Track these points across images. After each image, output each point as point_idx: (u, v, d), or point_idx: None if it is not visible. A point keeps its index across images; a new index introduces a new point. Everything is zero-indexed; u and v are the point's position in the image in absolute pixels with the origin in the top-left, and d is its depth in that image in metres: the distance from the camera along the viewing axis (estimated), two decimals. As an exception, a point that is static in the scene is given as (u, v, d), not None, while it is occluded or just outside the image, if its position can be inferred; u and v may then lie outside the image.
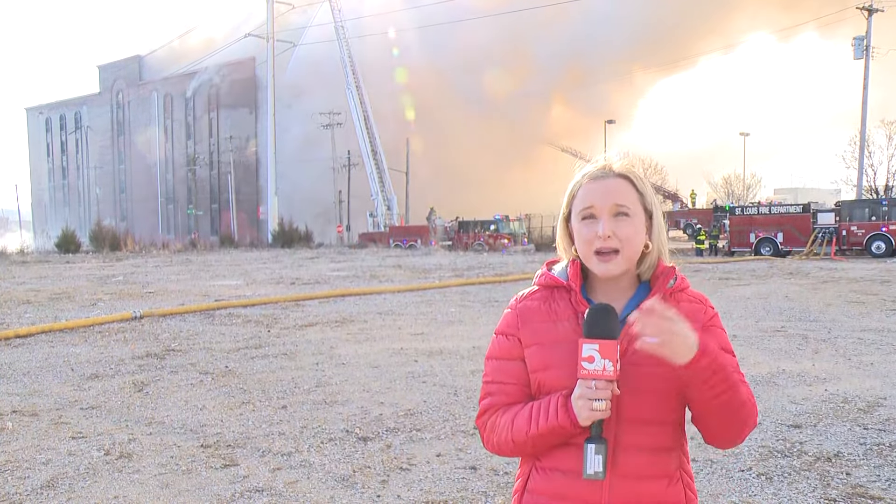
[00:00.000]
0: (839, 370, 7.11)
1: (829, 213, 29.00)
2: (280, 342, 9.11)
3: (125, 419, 5.62)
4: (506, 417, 1.55)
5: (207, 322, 10.92)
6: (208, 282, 18.26)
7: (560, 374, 1.49)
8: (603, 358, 1.41)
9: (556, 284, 1.59)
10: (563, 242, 1.62)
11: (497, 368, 1.60)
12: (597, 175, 1.55)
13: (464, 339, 9.16)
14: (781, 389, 6.34)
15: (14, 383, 6.92)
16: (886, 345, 8.48)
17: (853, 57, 38.28)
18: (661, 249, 1.58)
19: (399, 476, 4.35)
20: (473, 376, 6.96)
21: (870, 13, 37.41)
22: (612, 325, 1.43)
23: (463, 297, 14.08)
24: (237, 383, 6.81)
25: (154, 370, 7.43)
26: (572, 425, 1.45)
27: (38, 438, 5.13)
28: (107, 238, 36.59)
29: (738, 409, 1.48)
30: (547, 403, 1.49)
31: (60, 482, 4.28)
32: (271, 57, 49.34)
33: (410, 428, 5.32)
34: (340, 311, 12.08)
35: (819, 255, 27.53)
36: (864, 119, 38.58)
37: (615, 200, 1.51)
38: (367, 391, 6.47)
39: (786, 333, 9.35)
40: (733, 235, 30.73)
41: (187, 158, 72.53)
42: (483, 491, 4.10)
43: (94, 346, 8.90)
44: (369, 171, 50.40)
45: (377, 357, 8.05)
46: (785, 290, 14.69)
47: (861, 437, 4.98)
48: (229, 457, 4.71)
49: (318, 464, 4.56)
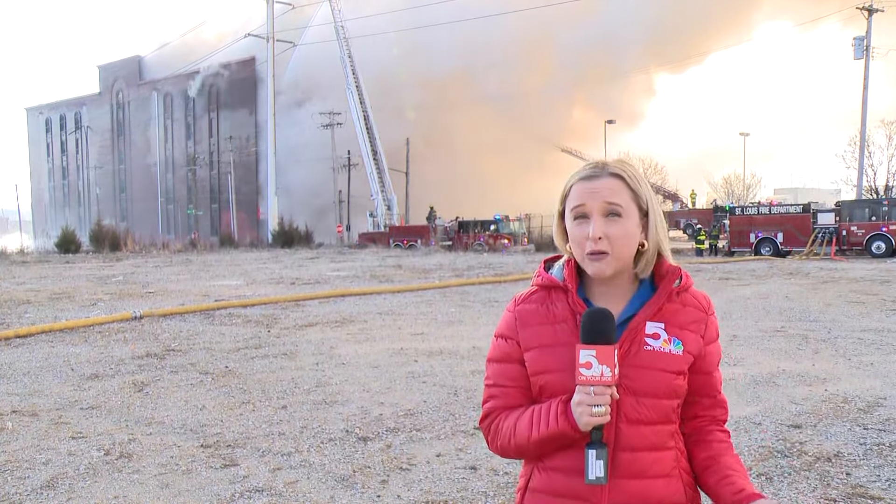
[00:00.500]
0: (839, 370, 7.11)
1: (829, 213, 28.99)
2: (280, 342, 9.11)
3: (125, 419, 5.62)
4: (508, 422, 1.55)
5: (207, 322, 10.92)
6: (208, 282, 18.26)
7: (561, 378, 1.49)
8: (600, 364, 1.40)
9: (553, 285, 1.58)
10: (560, 239, 1.61)
11: (498, 372, 1.60)
12: (589, 174, 1.54)
13: (464, 340, 9.16)
14: (781, 389, 6.34)
15: (14, 383, 6.92)
16: (886, 345, 8.48)
17: (853, 57, 38.29)
18: (659, 247, 1.56)
19: (399, 476, 4.35)
20: (473, 376, 6.96)
21: (870, 13, 37.42)
22: (609, 329, 1.42)
23: (463, 298, 14.08)
24: (237, 383, 6.81)
25: (154, 370, 7.43)
26: (573, 431, 1.45)
27: (38, 438, 5.13)
28: (107, 238, 36.56)
29: None
30: (547, 409, 1.49)
31: (60, 482, 4.28)
32: (271, 57, 49.32)
33: (410, 428, 5.32)
34: (340, 312, 12.08)
35: (819, 256, 27.52)
36: (864, 119, 38.58)
37: (607, 199, 1.49)
38: (367, 391, 6.47)
39: (786, 333, 9.35)
40: (733, 235, 30.73)
41: (187, 158, 72.53)
42: (483, 491, 4.10)
43: (94, 346, 8.91)
44: (369, 171, 50.36)
45: (377, 357, 8.05)
46: (785, 290, 14.69)
47: (861, 437, 4.98)
48: (229, 457, 4.71)
49: (318, 464, 4.56)
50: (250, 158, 64.84)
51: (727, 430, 1.61)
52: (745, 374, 6.87)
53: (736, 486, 1.48)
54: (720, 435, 1.58)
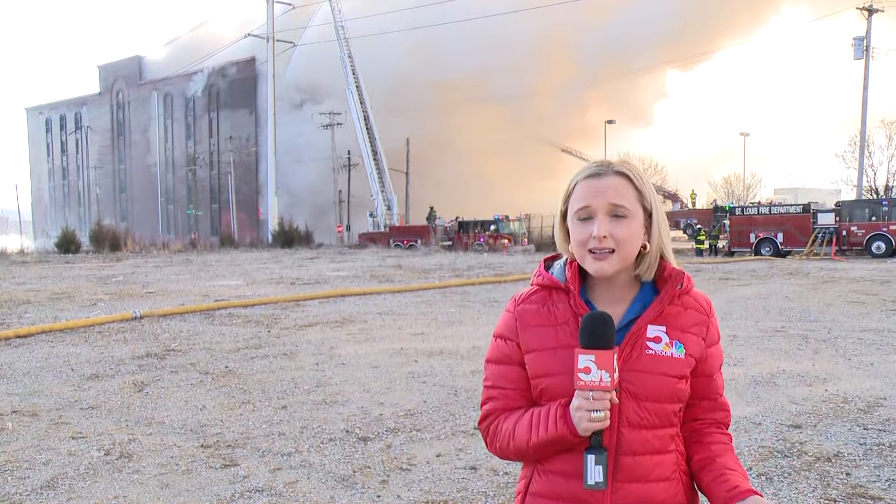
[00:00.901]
0: (839, 370, 7.11)
1: (829, 213, 29.00)
2: (280, 342, 9.11)
3: (125, 419, 5.62)
4: (507, 424, 1.54)
5: (207, 322, 10.92)
6: (208, 282, 18.26)
7: (562, 381, 1.48)
8: (599, 369, 1.39)
9: (555, 286, 1.56)
10: (561, 240, 1.59)
11: (497, 373, 1.59)
12: (595, 172, 1.52)
13: (464, 340, 9.16)
14: (781, 389, 6.34)
15: (14, 383, 6.91)
16: (886, 345, 8.48)
17: (853, 57, 38.29)
18: (662, 249, 1.55)
19: (399, 476, 4.35)
20: (473, 376, 6.96)
21: (870, 13, 37.42)
22: (609, 333, 1.41)
23: (463, 298, 14.08)
24: (237, 383, 6.81)
25: (154, 370, 7.43)
26: (572, 435, 1.44)
27: (38, 438, 5.13)
28: (107, 238, 36.55)
29: None
30: (546, 413, 1.48)
31: (60, 482, 4.28)
32: (271, 57, 49.32)
33: (410, 428, 5.32)
34: (340, 312, 12.08)
35: (819, 256, 27.53)
36: (864, 119, 38.59)
37: (612, 199, 1.48)
38: (367, 391, 6.47)
39: (786, 333, 9.35)
40: (733, 235, 30.74)
41: (187, 158, 72.55)
42: (483, 491, 4.10)
43: (94, 346, 8.90)
44: (369, 171, 50.37)
45: (377, 357, 8.05)
46: (785, 290, 14.69)
47: (861, 437, 4.98)
48: (229, 457, 4.71)
49: (318, 464, 4.56)
50: (250, 158, 64.88)
51: (728, 433, 1.60)
52: (744, 375, 6.87)
53: (730, 483, 1.47)
54: (719, 437, 1.57)
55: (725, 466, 1.51)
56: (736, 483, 1.46)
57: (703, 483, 1.53)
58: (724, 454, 1.54)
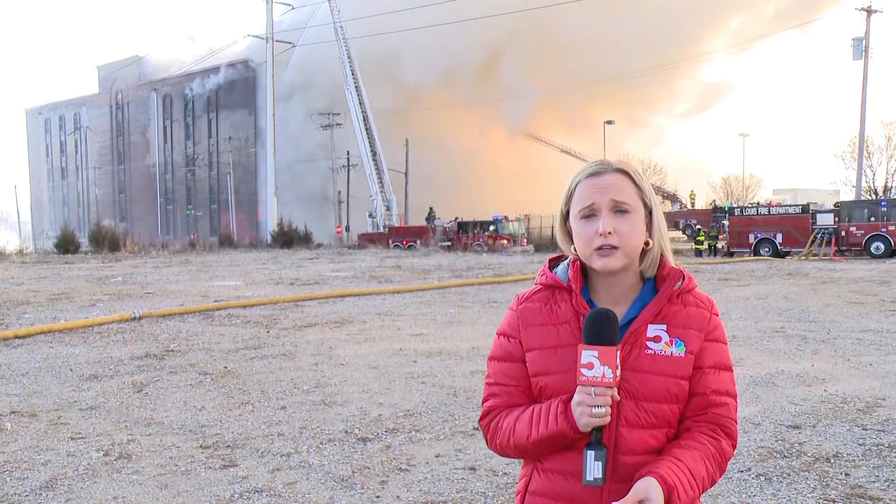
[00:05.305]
0: (838, 371, 7.12)
1: (829, 213, 29.01)
2: (279, 343, 9.11)
3: (124, 420, 5.62)
4: (508, 421, 1.55)
5: (207, 323, 10.92)
6: (207, 282, 18.25)
7: (561, 379, 1.49)
8: (602, 364, 1.40)
9: (557, 285, 1.57)
10: (563, 240, 1.61)
11: (499, 370, 1.60)
12: (595, 170, 1.54)
13: (463, 340, 9.16)
14: (780, 390, 6.34)
15: (13, 384, 6.91)
16: (885, 345, 8.48)
17: (852, 57, 38.34)
18: (662, 246, 1.56)
19: (398, 477, 4.35)
20: (473, 377, 6.96)
21: (868, 14, 37.47)
22: (612, 330, 1.42)
23: (462, 298, 14.08)
24: (236, 384, 6.81)
25: (153, 371, 7.43)
26: (572, 431, 1.44)
27: (37, 439, 5.13)
28: (106, 238, 36.51)
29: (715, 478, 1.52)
30: (547, 409, 1.49)
31: (60, 483, 4.28)
32: (271, 57, 49.30)
33: (410, 429, 5.32)
34: (340, 312, 12.07)
35: (818, 256, 27.54)
36: (864, 119, 38.63)
37: (614, 196, 1.49)
38: (367, 392, 6.47)
39: (785, 334, 9.35)
40: (732, 236, 30.74)
41: (186, 159, 72.54)
42: (482, 491, 4.10)
43: (94, 346, 8.90)
44: (369, 171, 50.34)
45: (376, 358, 8.05)
46: (784, 290, 14.70)
47: (860, 437, 4.98)
48: (228, 457, 4.71)
49: (317, 464, 4.56)
50: (249, 159, 64.89)
51: (717, 437, 1.50)
52: (744, 375, 6.87)
53: (651, 465, 1.43)
54: (699, 436, 1.50)
55: (670, 454, 1.45)
56: (656, 466, 1.41)
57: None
58: (688, 448, 1.47)
